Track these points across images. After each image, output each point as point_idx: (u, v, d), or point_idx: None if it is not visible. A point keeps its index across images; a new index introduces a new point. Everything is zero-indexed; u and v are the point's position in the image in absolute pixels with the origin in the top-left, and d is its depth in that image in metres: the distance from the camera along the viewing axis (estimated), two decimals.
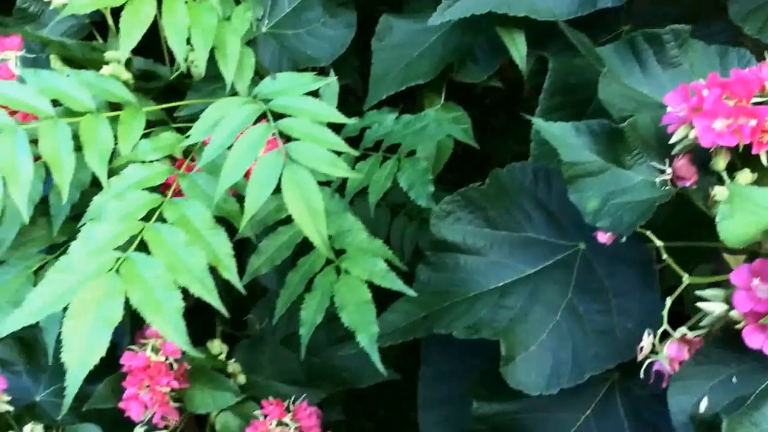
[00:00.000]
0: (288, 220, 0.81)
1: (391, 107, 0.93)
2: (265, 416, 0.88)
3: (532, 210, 0.80)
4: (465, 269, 0.79)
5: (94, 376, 0.98)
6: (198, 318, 0.94)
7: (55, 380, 0.96)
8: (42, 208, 0.82)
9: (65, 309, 0.60)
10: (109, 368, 0.98)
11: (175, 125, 0.91)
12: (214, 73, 0.90)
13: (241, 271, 0.73)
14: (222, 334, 0.97)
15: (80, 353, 0.59)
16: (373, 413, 1.23)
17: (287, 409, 0.88)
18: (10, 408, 0.88)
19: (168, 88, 0.99)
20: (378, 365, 0.69)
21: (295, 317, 0.99)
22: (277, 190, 0.65)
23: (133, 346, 0.90)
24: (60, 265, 0.62)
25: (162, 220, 0.67)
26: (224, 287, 0.68)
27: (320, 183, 0.67)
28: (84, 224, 0.68)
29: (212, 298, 0.62)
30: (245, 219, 0.65)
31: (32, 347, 0.97)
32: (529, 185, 0.80)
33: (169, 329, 0.59)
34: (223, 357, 0.92)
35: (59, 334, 0.59)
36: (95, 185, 0.78)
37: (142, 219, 0.67)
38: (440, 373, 0.91)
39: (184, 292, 0.62)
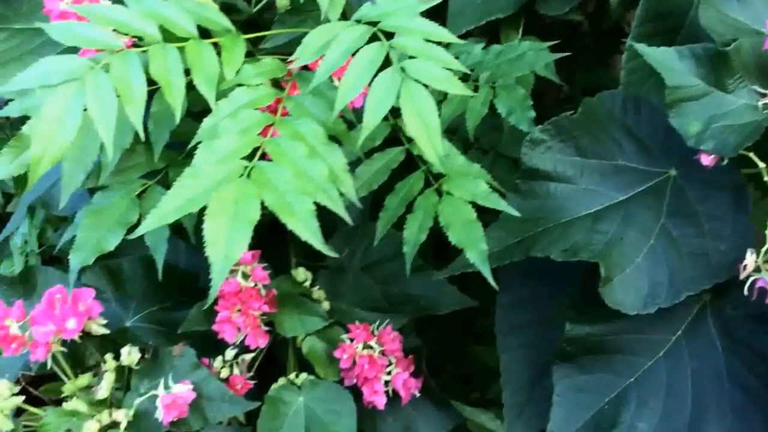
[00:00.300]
0: (382, 146, 0.83)
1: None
2: (352, 340, 0.90)
3: (622, 138, 0.81)
4: (556, 196, 0.81)
5: (178, 305, 1.02)
6: (274, 248, 0.97)
7: (144, 307, 0.99)
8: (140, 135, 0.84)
9: (200, 213, 0.62)
10: (192, 297, 1.02)
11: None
12: (297, 6, 0.91)
13: None
14: (297, 265, 1.00)
15: (224, 249, 0.60)
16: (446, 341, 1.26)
17: (372, 334, 0.91)
18: (107, 331, 0.91)
19: (248, 22, 1.00)
20: (490, 280, 0.71)
21: (371, 248, 1.02)
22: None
23: None
24: (190, 173, 0.64)
25: None
26: None
27: None
28: (198, 143, 0.70)
29: (338, 208, 0.64)
30: (362, 136, 0.67)
31: (118, 276, 1.00)
32: (618, 114, 0.82)
33: (303, 229, 0.61)
34: (307, 284, 0.95)
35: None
36: (187, 115, 0.80)
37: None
38: (518, 300, 0.94)
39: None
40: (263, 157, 0.66)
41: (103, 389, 0.89)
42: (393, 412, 0.95)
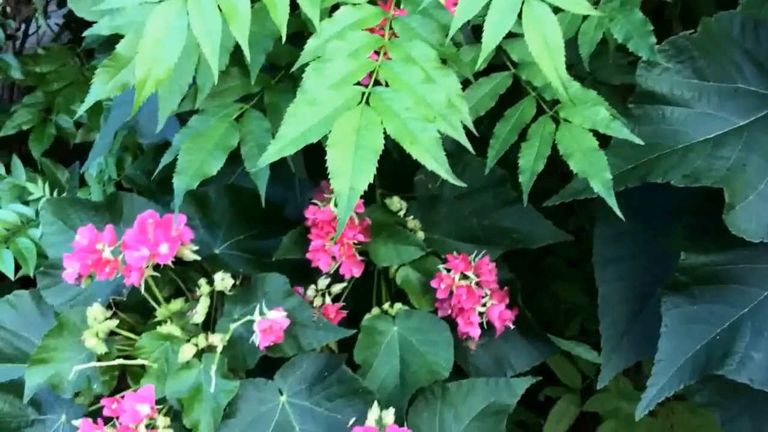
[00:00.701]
0: (487, 71, 0.80)
1: None
2: (448, 270, 0.89)
3: (741, 61, 0.77)
4: (672, 121, 0.77)
5: (265, 233, 1.01)
6: None
7: (231, 235, 0.98)
8: (234, 58, 0.81)
9: (324, 139, 0.60)
10: (278, 226, 1.01)
11: None
12: None
13: None
14: (382, 197, 0.98)
15: (350, 180, 0.58)
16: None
17: (469, 264, 0.89)
18: (198, 257, 0.90)
19: None
20: (616, 210, 0.68)
21: (462, 180, 0.99)
22: None
23: (315, 201, 0.91)
24: (305, 99, 0.61)
25: None
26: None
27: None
28: (305, 65, 0.67)
29: (459, 135, 0.61)
30: (482, 57, 0.63)
31: (205, 204, 0.99)
32: (737, 36, 0.77)
33: (428, 158, 0.59)
34: (401, 214, 0.93)
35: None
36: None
37: None
38: (618, 232, 0.91)
39: None
40: (376, 83, 0.64)
41: (199, 313, 0.89)
42: (484, 344, 0.94)
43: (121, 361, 0.87)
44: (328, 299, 0.92)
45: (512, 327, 0.90)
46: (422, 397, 0.85)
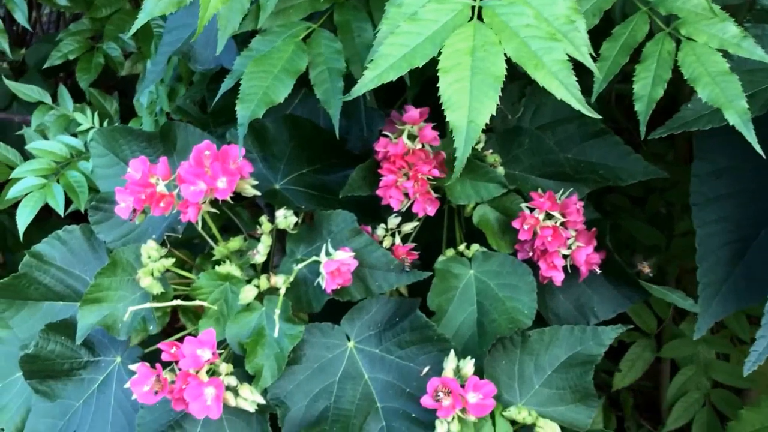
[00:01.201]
0: None
1: None
2: (531, 209, 0.81)
3: None
4: None
5: (328, 168, 0.94)
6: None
7: (292, 169, 0.91)
8: None
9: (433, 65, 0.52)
10: (342, 160, 0.94)
11: None
12: None
13: None
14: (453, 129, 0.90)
15: (469, 113, 0.51)
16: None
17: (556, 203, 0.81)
18: (258, 192, 0.84)
19: None
20: (755, 145, 0.59)
21: (542, 109, 0.91)
22: None
23: (386, 132, 0.83)
24: (400, 13, 0.53)
25: None
26: None
27: None
28: None
29: (584, 57, 0.53)
30: None
31: (264, 136, 0.92)
32: None
33: (555, 84, 0.51)
34: (479, 147, 0.85)
35: None
36: None
37: None
38: (717, 170, 0.82)
39: None
40: None
41: (261, 253, 0.82)
42: (565, 288, 0.86)
43: (179, 302, 0.82)
44: (398, 239, 0.85)
45: (598, 271, 0.83)
46: (500, 344, 0.78)
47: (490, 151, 0.84)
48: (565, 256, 0.82)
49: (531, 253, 0.82)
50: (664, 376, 1.31)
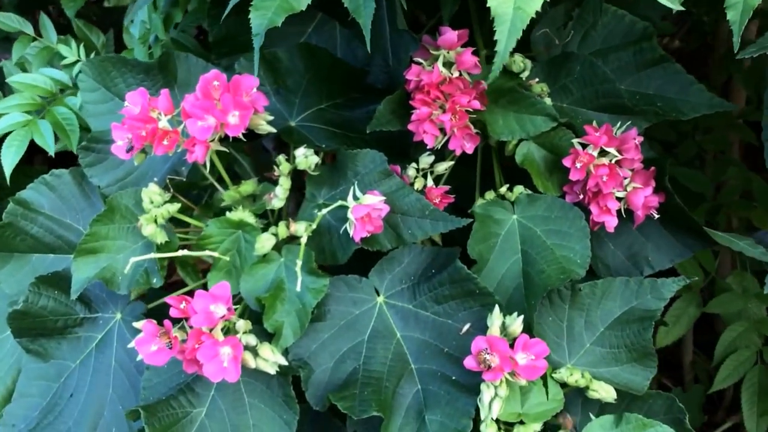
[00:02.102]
0: None
1: None
2: (584, 146, 0.72)
3: None
4: None
5: (348, 102, 0.84)
6: None
7: (309, 104, 0.81)
8: None
9: None
10: (363, 94, 0.84)
11: None
12: None
13: None
14: (487, 58, 0.80)
15: None
16: None
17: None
18: (273, 129, 0.74)
19: None
20: None
21: (592, 34, 0.81)
22: None
23: (418, 59, 0.73)
24: None
25: None
26: None
27: None
28: None
29: None
30: None
31: (276, 67, 0.82)
32: None
33: None
34: (525, 76, 0.75)
35: None
36: None
37: None
38: None
39: None
40: None
41: (279, 197, 0.73)
42: (615, 236, 0.77)
43: (186, 252, 0.72)
44: (430, 181, 0.76)
45: (655, 216, 0.74)
46: (546, 299, 0.70)
47: (536, 80, 0.75)
48: (618, 199, 0.73)
49: (582, 196, 0.73)
50: (688, 335, 1.24)
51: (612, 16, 0.79)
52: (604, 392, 0.69)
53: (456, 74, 0.71)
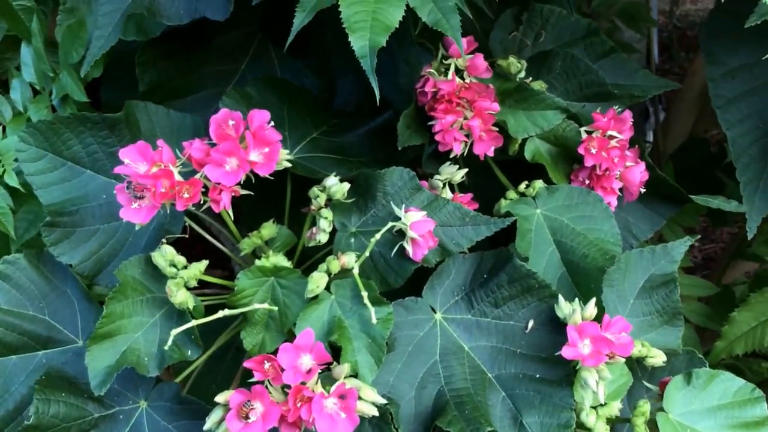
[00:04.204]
0: None
1: None
2: (589, 132, 0.76)
3: None
4: None
5: (333, 128, 0.81)
6: None
7: (301, 135, 0.77)
8: None
9: None
10: (343, 119, 0.81)
11: None
12: None
13: None
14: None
15: None
16: None
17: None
18: (289, 165, 0.69)
19: None
20: None
21: (542, 35, 0.86)
22: None
23: (430, 70, 0.73)
24: None
25: None
26: None
27: None
28: None
29: None
30: None
31: (250, 104, 0.76)
32: None
33: None
34: (521, 76, 0.77)
35: None
36: None
37: None
38: (729, 70, 0.83)
39: None
40: None
41: (324, 230, 0.68)
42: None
43: (225, 312, 0.65)
44: (456, 190, 0.75)
45: (643, 190, 0.80)
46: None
47: (530, 78, 0.78)
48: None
49: (587, 181, 0.78)
50: None
51: (558, 16, 0.85)
52: (660, 358, 0.73)
53: (468, 80, 0.72)
